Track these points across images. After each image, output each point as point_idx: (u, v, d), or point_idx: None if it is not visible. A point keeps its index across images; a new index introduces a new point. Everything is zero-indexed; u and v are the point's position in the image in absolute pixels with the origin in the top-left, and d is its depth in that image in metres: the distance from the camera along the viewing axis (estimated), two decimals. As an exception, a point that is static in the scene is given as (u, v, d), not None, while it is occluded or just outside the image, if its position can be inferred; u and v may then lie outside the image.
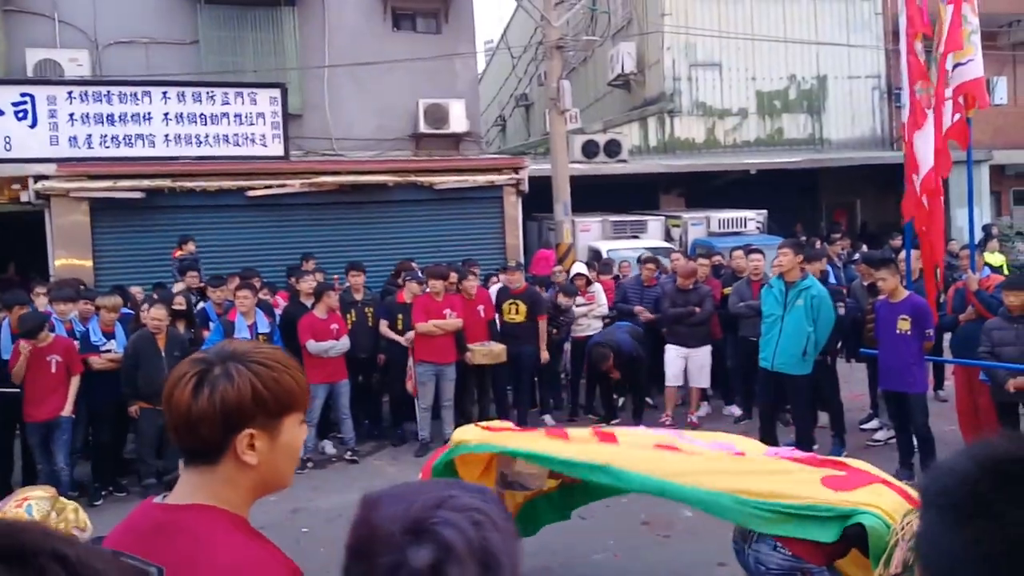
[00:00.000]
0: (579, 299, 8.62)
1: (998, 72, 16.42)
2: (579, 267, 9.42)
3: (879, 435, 7.24)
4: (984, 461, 0.75)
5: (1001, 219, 16.09)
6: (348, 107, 12.58)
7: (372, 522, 0.89)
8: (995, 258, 10.92)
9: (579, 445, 3.66)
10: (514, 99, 19.69)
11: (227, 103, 11.38)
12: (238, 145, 11.39)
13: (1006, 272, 9.89)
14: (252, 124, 11.43)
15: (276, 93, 11.55)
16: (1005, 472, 0.73)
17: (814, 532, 2.92)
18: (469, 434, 3.99)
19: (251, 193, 11.09)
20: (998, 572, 0.69)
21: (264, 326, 7.20)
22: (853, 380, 7.58)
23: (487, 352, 7.77)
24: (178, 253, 9.18)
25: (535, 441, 3.79)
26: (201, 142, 11.29)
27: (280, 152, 11.52)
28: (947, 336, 7.11)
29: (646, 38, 15.50)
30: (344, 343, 7.44)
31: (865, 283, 7.54)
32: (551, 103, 12.20)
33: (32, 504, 3.28)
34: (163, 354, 6.45)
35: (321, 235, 11.74)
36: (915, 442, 6.13)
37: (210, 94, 11.29)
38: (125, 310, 7.22)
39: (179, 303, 7.11)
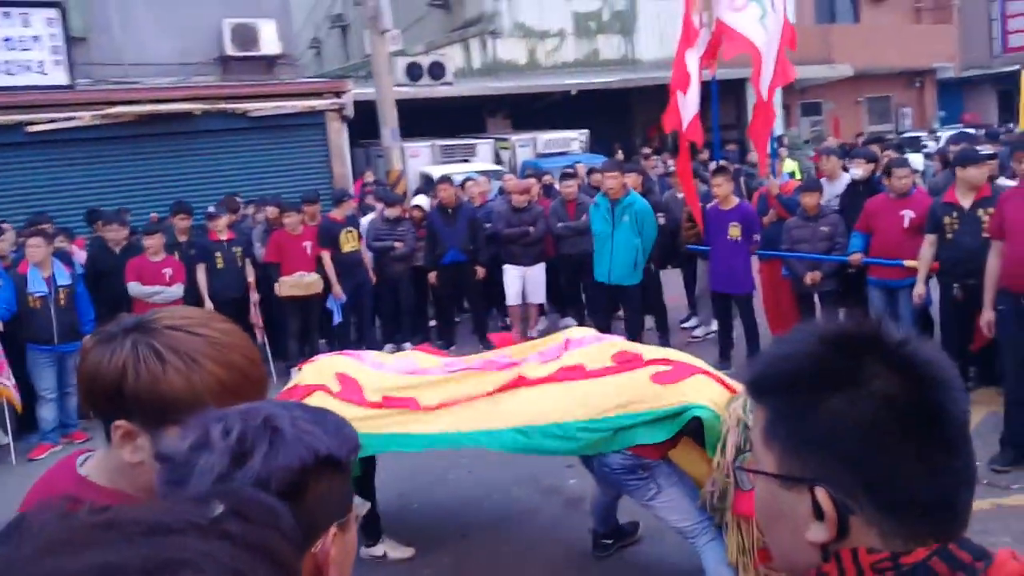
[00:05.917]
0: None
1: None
2: (419, 199, 9.22)
3: (698, 332, 7.90)
4: (827, 339, 0.82)
5: (790, 130, 17.62)
6: (142, 28, 11.34)
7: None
8: (787, 165, 12.04)
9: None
10: (329, 19, 18.67)
11: (-8, 24, 9.95)
12: (11, 74, 10.07)
13: (798, 177, 10.92)
14: (27, 49, 10.09)
15: (54, 13, 10.24)
16: (851, 346, 0.81)
17: (656, 435, 3.12)
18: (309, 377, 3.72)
19: (32, 128, 9.87)
20: (873, 430, 0.77)
21: (64, 278, 6.42)
22: (669, 285, 8.12)
23: (296, 283, 7.56)
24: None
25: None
26: (-37, 70, 9.87)
27: (64, 80, 10.31)
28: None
29: (461, -45, 15.15)
30: (175, 291, 6.93)
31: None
32: (370, 23, 11.68)
33: None
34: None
35: (122, 173, 10.70)
36: (734, 338, 6.74)
37: (-31, 14, 9.80)
38: None
39: None
